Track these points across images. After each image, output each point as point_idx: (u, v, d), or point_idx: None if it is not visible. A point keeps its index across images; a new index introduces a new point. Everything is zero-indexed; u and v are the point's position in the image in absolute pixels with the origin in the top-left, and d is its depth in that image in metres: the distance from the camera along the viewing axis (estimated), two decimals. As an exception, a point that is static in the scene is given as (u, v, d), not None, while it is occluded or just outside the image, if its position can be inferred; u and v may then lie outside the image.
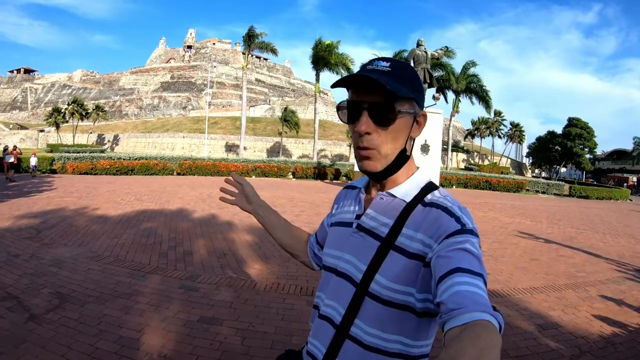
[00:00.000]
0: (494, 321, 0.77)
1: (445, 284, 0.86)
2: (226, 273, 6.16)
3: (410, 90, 1.05)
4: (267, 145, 50.68)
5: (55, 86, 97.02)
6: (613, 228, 15.15)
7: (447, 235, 0.96)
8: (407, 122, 1.09)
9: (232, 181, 1.58)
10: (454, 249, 0.92)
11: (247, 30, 35.32)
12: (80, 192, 14.94)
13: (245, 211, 1.56)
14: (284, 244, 1.55)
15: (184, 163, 27.89)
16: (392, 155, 1.09)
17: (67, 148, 41.71)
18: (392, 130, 1.07)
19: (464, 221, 0.99)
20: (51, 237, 7.72)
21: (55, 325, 4.05)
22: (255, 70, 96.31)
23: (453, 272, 0.87)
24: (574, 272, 7.71)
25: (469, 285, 0.83)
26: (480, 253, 0.94)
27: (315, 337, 1.19)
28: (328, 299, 1.17)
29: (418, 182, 1.13)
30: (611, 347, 4.49)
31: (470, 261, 0.89)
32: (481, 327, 0.74)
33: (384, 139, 1.07)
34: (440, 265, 0.90)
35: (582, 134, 58.49)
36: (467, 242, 0.93)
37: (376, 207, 1.14)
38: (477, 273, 0.87)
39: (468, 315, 0.77)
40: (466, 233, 0.96)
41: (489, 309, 0.79)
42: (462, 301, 0.80)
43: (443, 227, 0.98)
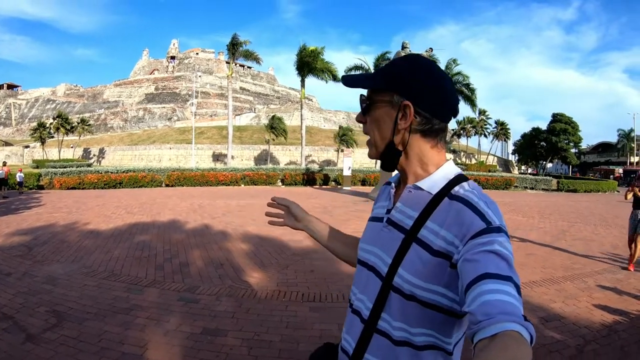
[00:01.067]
0: (524, 332, 0.74)
1: (473, 293, 0.83)
2: (225, 283, 6.09)
3: (387, 83, 1.11)
4: (255, 153, 50.59)
5: (39, 101, 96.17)
6: (604, 219, 15.30)
7: (472, 236, 0.93)
8: (387, 112, 1.11)
9: (275, 204, 1.58)
10: (480, 251, 0.89)
11: (231, 39, 35.36)
12: (69, 207, 14.76)
13: (296, 229, 1.57)
14: (340, 254, 1.53)
15: (172, 174, 27.70)
16: (380, 146, 1.15)
17: (53, 163, 41.27)
18: (373, 119, 1.15)
19: (490, 218, 0.95)
20: (43, 254, 7.58)
21: (55, 345, 3.95)
22: (239, 78, 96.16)
23: (480, 278, 0.84)
24: (570, 264, 7.82)
25: (498, 294, 0.80)
26: (509, 252, 0.90)
27: (347, 332, 1.19)
28: (360, 293, 1.17)
29: (446, 174, 1.11)
30: (614, 334, 4.60)
31: (498, 264, 0.86)
32: (510, 338, 0.72)
33: (369, 127, 1.17)
34: (467, 270, 0.88)
35: (566, 129, 59.19)
36: (495, 243, 0.89)
37: (404, 200, 1.13)
38: (506, 277, 0.84)
39: (497, 326, 0.75)
40: (492, 232, 0.92)
41: (519, 318, 0.76)
42: (491, 311, 0.77)
43: (466, 225, 0.95)
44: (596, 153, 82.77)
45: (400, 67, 1.11)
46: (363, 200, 19.08)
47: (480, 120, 66.87)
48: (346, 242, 1.53)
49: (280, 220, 1.57)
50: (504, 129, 70.40)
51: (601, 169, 67.74)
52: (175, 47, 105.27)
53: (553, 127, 60.27)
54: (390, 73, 1.11)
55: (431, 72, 1.10)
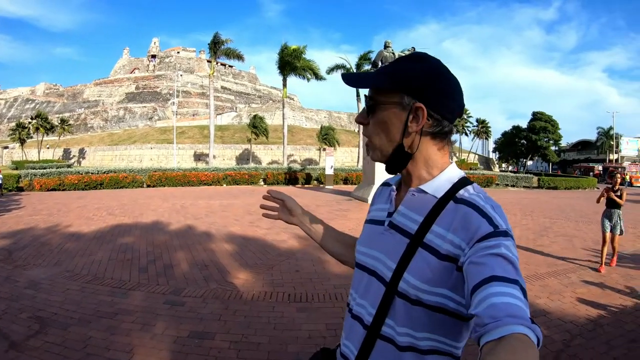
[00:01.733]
0: (532, 334, 0.74)
1: (479, 295, 0.83)
2: (211, 285, 6.04)
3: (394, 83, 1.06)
4: (236, 153, 50.37)
5: (18, 101, 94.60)
6: (585, 215, 15.57)
7: (479, 239, 0.92)
8: (397, 115, 1.07)
9: (270, 197, 1.58)
10: (487, 254, 0.89)
11: (213, 37, 35.11)
12: (50, 209, 14.51)
13: (290, 224, 1.55)
14: (333, 252, 1.52)
15: (153, 174, 27.39)
16: (387, 149, 1.11)
17: (33, 164, 40.62)
18: (378, 121, 1.10)
19: (497, 222, 0.94)
20: (24, 258, 7.43)
21: (39, 352, 3.87)
22: (221, 77, 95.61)
23: (487, 281, 0.84)
24: (553, 260, 7.94)
25: (505, 296, 0.80)
26: (516, 256, 0.90)
27: (347, 337, 1.18)
28: (360, 298, 1.15)
29: (450, 177, 1.10)
30: (599, 328, 4.70)
31: (504, 267, 0.86)
32: (517, 341, 0.72)
33: (372, 130, 1.12)
34: (474, 273, 0.87)
35: (546, 127, 60.00)
36: (502, 246, 0.89)
37: (407, 203, 1.12)
38: (512, 280, 0.84)
39: (504, 329, 0.74)
40: (499, 236, 0.92)
41: (526, 321, 0.76)
42: (498, 314, 0.77)
43: (473, 228, 0.94)
44: (576, 151, 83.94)
45: (409, 67, 1.07)
46: (346, 199, 19.08)
47: (462, 118, 67.40)
48: (342, 240, 1.52)
49: (274, 214, 1.57)
50: (485, 127, 71.05)
51: (581, 166, 68.68)
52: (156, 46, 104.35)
53: (533, 126, 61.04)
54: (397, 73, 1.07)
55: (442, 72, 1.08)
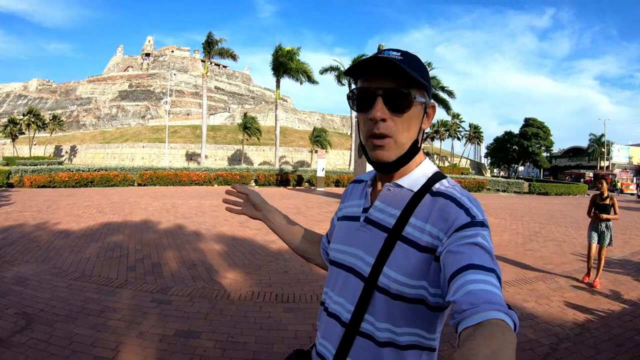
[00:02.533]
0: (509, 320, 0.75)
1: (457, 282, 0.84)
2: (198, 284, 6.03)
3: (423, 79, 1.03)
4: (228, 153, 50.22)
5: (10, 96, 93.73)
6: (575, 221, 15.71)
7: (457, 228, 0.95)
8: (419, 112, 1.08)
9: (234, 192, 1.56)
10: (465, 243, 0.91)
11: (206, 37, 35.00)
12: (39, 206, 14.41)
13: (254, 219, 1.54)
14: (297, 248, 1.52)
15: (144, 173, 27.27)
16: (407, 145, 1.08)
17: (24, 161, 40.29)
18: (407, 118, 1.05)
19: (474, 212, 0.97)
20: (12, 254, 7.38)
21: (24, 348, 3.86)
22: (214, 77, 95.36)
23: (465, 269, 0.85)
24: (542, 264, 8.01)
25: (482, 283, 0.82)
26: (492, 246, 0.92)
27: (324, 336, 1.17)
28: (336, 296, 1.15)
29: (425, 172, 1.12)
30: (587, 333, 4.71)
31: (481, 256, 0.87)
32: (495, 327, 0.72)
33: (399, 127, 1.05)
34: (451, 261, 0.89)
35: (538, 133, 60.31)
36: (479, 236, 0.92)
37: (383, 198, 1.13)
38: (489, 269, 0.85)
39: (482, 315, 0.75)
40: (477, 226, 0.94)
41: (503, 307, 0.77)
42: (475, 300, 0.78)
43: (452, 219, 0.97)
44: (567, 157, 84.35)
45: (422, 64, 1.08)
46: (336, 201, 19.09)
47: (454, 123, 67.73)
48: (308, 237, 1.52)
49: (238, 209, 1.55)
50: (477, 132, 71.38)
51: (572, 173, 69.12)
52: (151, 44, 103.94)
53: (525, 131, 61.33)
54: (420, 69, 1.05)
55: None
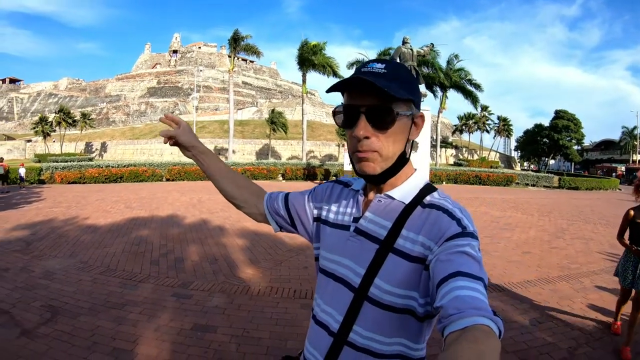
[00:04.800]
0: (494, 326, 0.76)
1: (445, 288, 0.85)
2: (219, 279, 6.12)
3: (407, 92, 1.03)
4: (256, 148, 50.46)
5: (41, 95, 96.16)
6: (604, 218, 15.27)
7: (447, 238, 0.95)
8: (406, 124, 1.07)
9: (166, 120, 1.43)
10: (455, 252, 0.91)
11: (232, 34, 35.18)
12: (69, 202, 14.80)
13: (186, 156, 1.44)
14: (227, 192, 1.44)
15: (173, 169, 27.68)
16: (393, 159, 1.07)
17: (55, 157, 41.36)
18: (391, 133, 1.04)
19: (464, 223, 0.98)
20: (41, 249, 7.62)
21: (48, 340, 4.00)
22: (241, 72, 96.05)
23: (453, 275, 0.86)
24: (566, 263, 7.76)
25: (469, 290, 0.82)
26: (481, 256, 0.93)
27: (312, 344, 1.19)
28: (325, 305, 1.16)
29: (416, 184, 1.12)
30: (607, 337, 4.54)
31: (470, 265, 0.88)
32: (480, 332, 0.73)
33: (384, 142, 1.04)
34: (440, 268, 0.90)
35: (569, 126, 58.92)
36: (468, 246, 0.93)
37: (374, 209, 1.12)
38: (477, 277, 0.86)
39: (467, 320, 0.76)
40: (467, 236, 0.95)
41: (488, 313, 0.78)
42: (462, 306, 0.79)
43: (443, 229, 0.98)
44: (599, 150, 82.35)
45: (410, 77, 1.07)
46: (363, 196, 19.06)
47: (482, 116, 66.59)
48: (238, 184, 1.44)
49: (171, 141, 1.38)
50: (506, 125, 70.05)
51: (604, 167, 67.38)
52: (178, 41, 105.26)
53: (555, 124, 59.99)
54: (408, 83, 1.05)
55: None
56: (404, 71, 1.07)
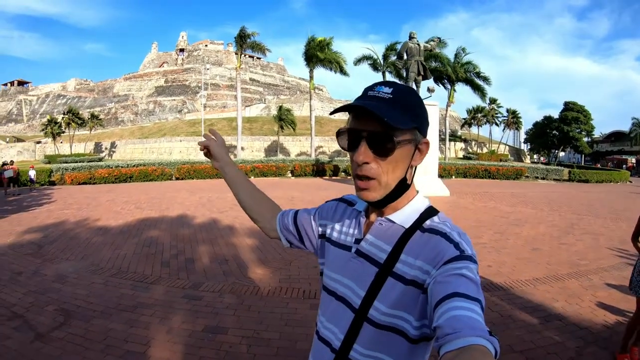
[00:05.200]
0: (490, 346, 0.77)
1: (442, 308, 0.86)
2: (229, 279, 6.19)
3: (412, 119, 1.03)
4: (265, 145, 50.46)
5: (50, 97, 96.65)
6: (614, 212, 15.14)
7: (445, 262, 0.96)
8: (408, 151, 1.07)
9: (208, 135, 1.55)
10: (452, 274, 0.92)
11: (239, 31, 35.20)
12: (79, 204, 14.95)
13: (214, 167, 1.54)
14: (245, 205, 1.51)
15: (182, 167, 27.85)
16: (392, 185, 1.08)
17: (64, 158, 41.63)
18: (392, 160, 1.05)
19: (462, 247, 0.99)
20: (53, 252, 7.73)
21: (62, 343, 4.07)
22: (248, 69, 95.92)
23: (450, 296, 0.87)
24: (576, 260, 7.71)
25: (466, 310, 0.83)
26: (478, 279, 0.94)
27: (314, 358, 1.23)
28: (327, 322, 1.19)
29: (418, 207, 1.13)
30: (616, 336, 4.47)
31: (467, 286, 0.89)
32: (477, 352, 0.74)
33: (383, 169, 1.05)
34: (438, 290, 0.91)
35: (578, 118, 58.45)
36: (465, 268, 0.93)
37: (375, 232, 1.14)
38: (474, 298, 0.87)
39: (464, 340, 0.77)
40: (465, 259, 0.96)
41: (485, 333, 0.79)
42: (458, 325, 0.80)
43: (441, 253, 0.99)
44: (609, 142, 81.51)
45: (416, 102, 1.08)
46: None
47: (491, 109, 66.09)
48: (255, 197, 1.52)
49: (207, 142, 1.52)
50: (516, 117, 69.53)
51: (614, 158, 66.78)
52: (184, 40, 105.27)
53: (565, 116, 59.53)
54: (412, 109, 1.05)
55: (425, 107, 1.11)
56: (412, 96, 1.07)
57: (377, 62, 36.57)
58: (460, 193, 19.10)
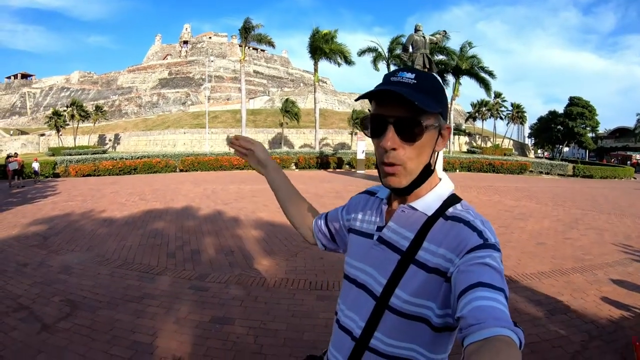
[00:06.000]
0: (514, 337, 0.76)
1: (465, 299, 0.85)
2: (235, 271, 6.19)
3: (437, 104, 1.03)
4: (269, 137, 50.46)
5: (54, 89, 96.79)
6: (618, 208, 15.05)
7: (468, 250, 0.95)
8: (433, 136, 1.07)
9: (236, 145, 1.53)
10: (476, 263, 0.91)
11: (243, 23, 35.10)
12: (84, 195, 14.99)
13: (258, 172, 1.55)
14: (288, 212, 1.54)
15: (186, 159, 27.90)
16: (417, 170, 1.07)
17: (68, 151, 41.79)
18: (418, 145, 1.04)
19: (486, 235, 0.98)
20: (58, 244, 7.75)
21: (69, 334, 4.08)
22: (252, 62, 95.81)
23: (474, 286, 0.86)
24: (580, 255, 7.68)
25: (490, 300, 0.82)
26: (502, 268, 0.93)
27: (335, 347, 1.21)
28: (348, 310, 1.18)
29: (440, 195, 1.12)
30: (620, 331, 4.47)
31: (491, 276, 0.88)
32: (501, 343, 0.73)
33: (410, 155, 1.04)
34: (461, 279, 0.90)
35: (583, 113, 58.29)
36: (489, 257, 0.92)
37: (397, 220, 1.14)
38: (498, 288, 0.86)
39: (488, 331, 0.76)
40: (488, 248, 0.95)
41: (509, 324, 0.78)
42: (482, 316, 0.79)
43: (465, 241, 0.98)
44: (613, 138, 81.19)
45: (438, 86, 1.08)
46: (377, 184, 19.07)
47: (496, 103, 65.87)
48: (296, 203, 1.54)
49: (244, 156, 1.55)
50: (520, 111, 69.29)
51: (618, 154, 66.49)
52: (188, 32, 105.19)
53: (570, 111, 59.36)
54: (437, 94, 1.05)
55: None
56: (435, 82, 1.07)
57: (382, 54, 36.41)
58: (465, 187, 18.92)
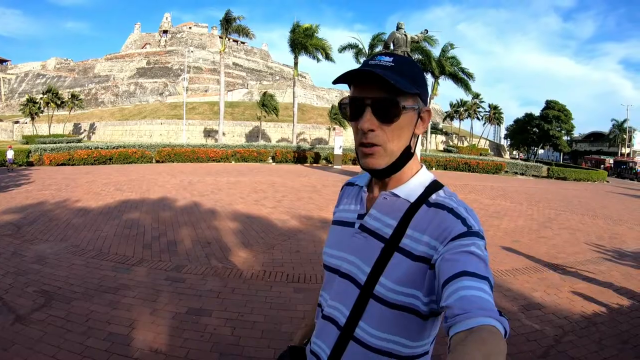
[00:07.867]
0: (500, 326, 0.77)
1: (450, 288, 0.85)
2: (212, 262, 6.16)
3: (414, 86, 1.04)
4: (246, 130, 50.15)
5: (29, 76, 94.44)
6: (591, 209, 15.36)
7: (452, 238, 0.95)
8: (412, 118, 1.07)
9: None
10: (460, 251, 0.91)
11: (224, 14, 34.81)
12: (58, 184, 14.66)
13: None
14: None
15: (162, 150, 27.51)
16: (397, 153, 1.07)
17: (43, 139, 40.75)
18: (397, 126, 1.04)
19: (470, 223, 0.98)
20: (32, 233, 7.58)
21: (43, 325, 4.01)
22: (232, 54, 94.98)
23: (459, 275, 0.86)
24: (554, 253, 7.87)
25: (475, 290, 0.83)
26: (487, 255, 0.93)
27: (319, 337, 1.19)
28: (332, 300, 1.16)
29: (422, 181, 1.12)
30: (593, 327, 4.60)
31: (476, 264, 0.88)
32: (487, 332, 0.74)
33: (389, 136, 1.05)
34: (446, 268, 0.90)
35: (559, 117, 59.30)
36: (473, 245, 0.93)
37: (379, 207, 1.13)
38: (482, 276, 0.86)
39: (474, 320, 0.77)
40: (472, 235, 0.95)
41: (494, 314, 0.79)
42: (468, 306, 0.80)
43: (449, 229, 0.97)
44: (588, 142, 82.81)
45: (417, 71, 1.08)
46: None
47: (474, 103, 66.66)
48: None
49: None
50: (497, 113, 70.22)
51: (592, 158, 67.79)
52: (168, 21, 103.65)
53: (546, 114, 60.31)
54: (416, 77, 1.06)
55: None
56: (412, 65, 1.08)
57: (363, 51, 36.45)
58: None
